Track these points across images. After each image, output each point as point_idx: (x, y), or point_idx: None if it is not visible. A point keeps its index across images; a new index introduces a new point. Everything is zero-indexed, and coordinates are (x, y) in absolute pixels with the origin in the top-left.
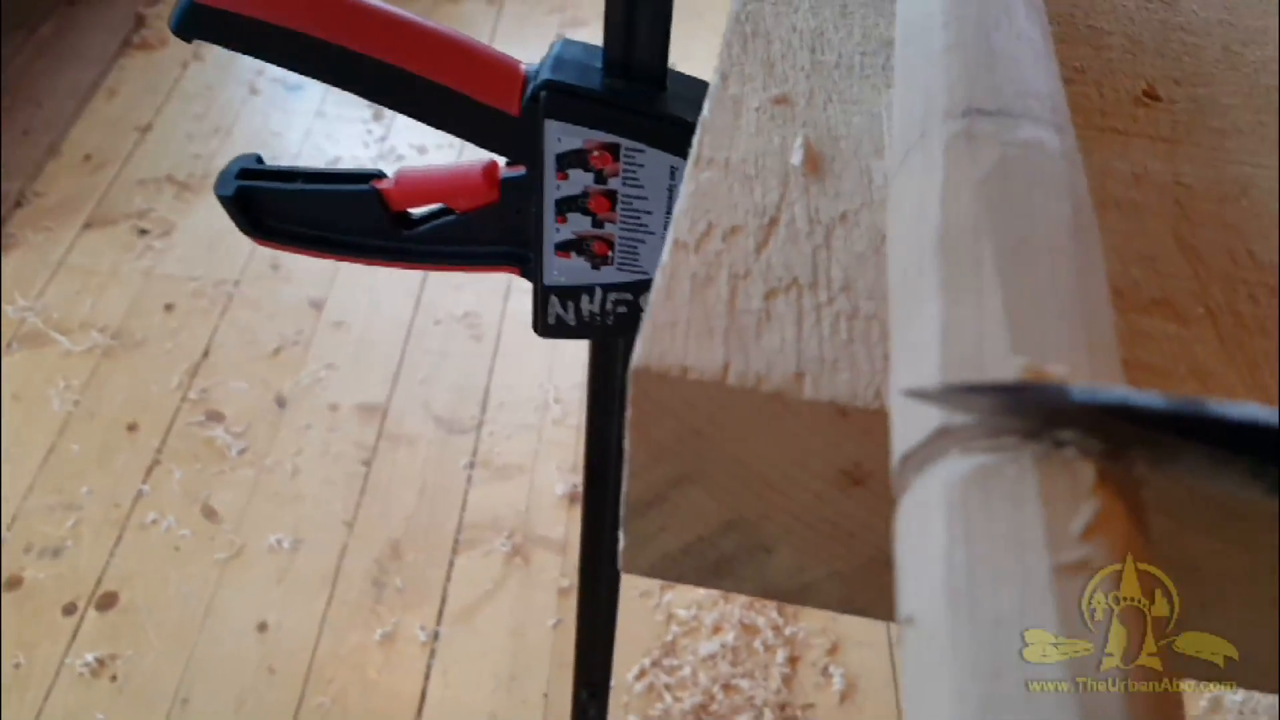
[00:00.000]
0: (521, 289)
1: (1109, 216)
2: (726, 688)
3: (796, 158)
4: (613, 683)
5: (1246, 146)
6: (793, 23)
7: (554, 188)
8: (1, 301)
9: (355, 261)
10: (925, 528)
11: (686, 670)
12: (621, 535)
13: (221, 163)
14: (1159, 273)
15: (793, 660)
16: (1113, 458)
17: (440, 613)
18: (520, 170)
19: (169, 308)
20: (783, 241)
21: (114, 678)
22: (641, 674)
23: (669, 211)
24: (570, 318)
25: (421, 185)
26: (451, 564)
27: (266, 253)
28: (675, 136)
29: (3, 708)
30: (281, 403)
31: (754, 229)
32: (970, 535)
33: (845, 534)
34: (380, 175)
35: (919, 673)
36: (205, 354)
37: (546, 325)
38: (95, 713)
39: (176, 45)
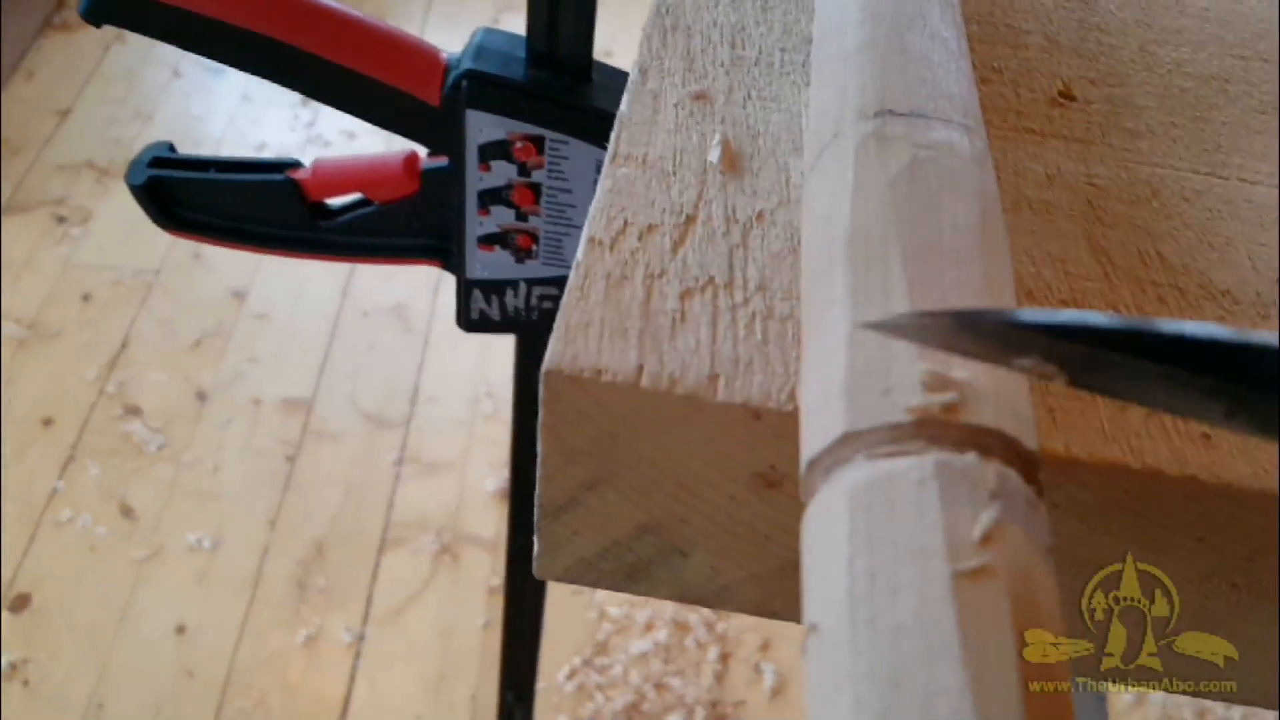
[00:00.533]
0: (453, 281)
1: (1022, 217)
2: (658, 686)
3: (714, 155)
4: (543, 683)
5: (1158, 148)
6: (714, 17)
7: (476, 179)
8: None
9: (271, 253)
10: (829, 534)
11: (618, 669)
12: (535, 540)
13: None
14: (1070, 274)
15: (725, 657)
16: (1071, 384)
17: (366, 614)
18: (442, 161)
19: (87, 298)
20: (700, 240)
21: (26, 682)
22: (572, 673)
23: None
24: (494, 312)
25: (339, 175)
26: (378, 564)
27: (188, 242)
28: (601, 129)
29: None
30: (202, 397)
31: (670, 227)
32: (872, 542)
33: (760, 536)
34: (296, 165)
35: (821, 681)
36: (124, 346)
37: (470, 320)
38: (6, 718)
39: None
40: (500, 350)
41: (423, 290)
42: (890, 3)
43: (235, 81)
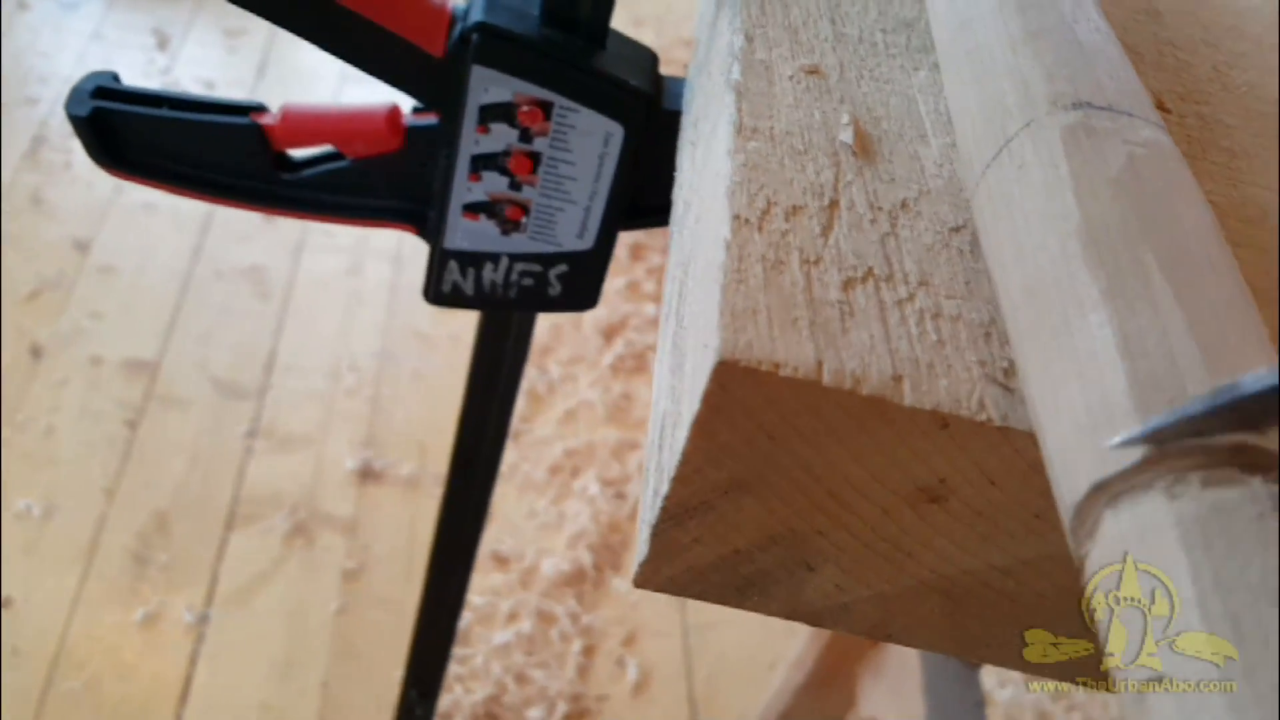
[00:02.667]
0: (318, 245)
1: None
2: (519, 678)
3: (846, 135)
4: (398, 672)
5: (1255, 169)
6: None
7: (472, 141)
8: None
9: (225, 203)
10: (1155, 561)
11: (479, 660)
12: (644, 545)
13: None
14: None
15: (589, 650)
16: None
17: (210, 593)
18: (430, 119)
19: None
20: (848, 227)
21: None
22: None
23: (596, 180)
24: (468, 286)
25: (311, 124)
26: (225, 541)
27: (27, 184)
28: (616, 100)
29: None
30: (37, 353)
31: (815, 210)
32: (1221, 585)
33: (903, 554)
34: (261, 108)
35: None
36: None
37: (439, 292)
38: None
39: None
40: (364, 321)
41: (281, 253)
42: None
43: (88, 17)
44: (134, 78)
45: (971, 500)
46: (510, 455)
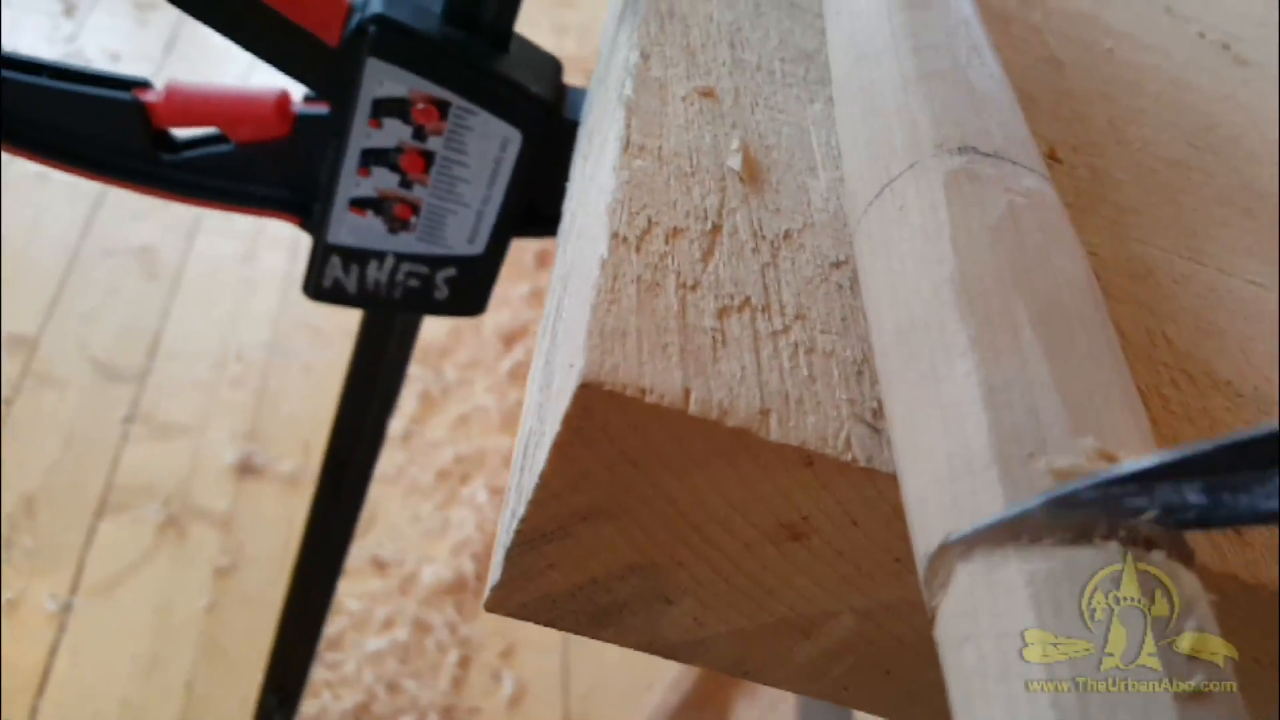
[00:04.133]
0: (213, 229)
1: None
2: (391, 687)
3: (735, 162)
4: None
5: (1143, 225)
6: (709, 11)
7: (363, 135)
8: None
9: (101, 180)
10: (1006, 632)
11: (350, 666)
12: (497, 569)
13: None
14: None
15: (464, 661)
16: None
17: (75, 582)
18: (321, 108)
19: None
20: (729, 254)
21: None
22: None
23: (491, 185)
24: (350, 284)
25: (195, 104)
26: (94, 528)
27: None
28: (515, 105)
29: None
30: None
31: (697, 234)
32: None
33: (763, 591)
34: (145, 84)
35: None
36: None
37: (320, 288)
38: None
39: None
40: (255, 310)
41: (174, 234)
42: (942, 33)
43: None
44: (36, 45)
45: (833, 540)
46: (398, 457)
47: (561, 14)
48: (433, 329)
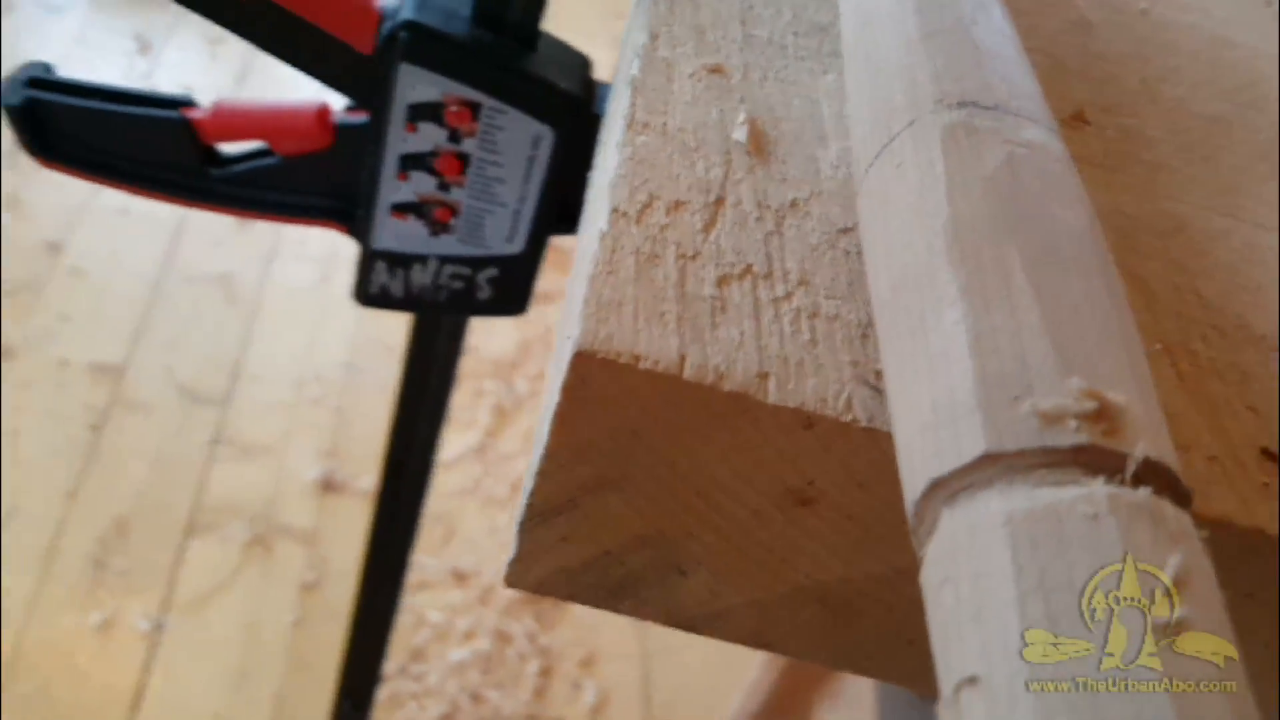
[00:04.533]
0: (290, 254)
1: None
2: (474, 697)
3: (740, 134)
4: None
5: (1176, 183)
6: None
7: (400, 140)
8: None
9: (154, 197)
10: (982, 570)
11: (434, 678)
12: (515, 543)
13: None
14: None
15: (546, 671)
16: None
17: (167, 601)
18: (361, 117)
19: None
20: (731, 224)
21: None
22: (384, 680)
23: (526, 183)
24: (397, 288)
25: (241, 119)
26: (183, 548)
27: (4, 186)
28: (546, 102)
29: None
30: (5, 353)
31: (700, 206)
32: (1045, 586)
33: (776, 560)
34: (191, 103)
35: None
36: None
37: (368, 294)
38: None
39: None
40: (332, 332)
41: (252, 261)
42: None
43: (71, 22)
44: (113, 82)
45: (841, 504)
46: (474, 470)
47: (617, 26)
48: (502, 343)
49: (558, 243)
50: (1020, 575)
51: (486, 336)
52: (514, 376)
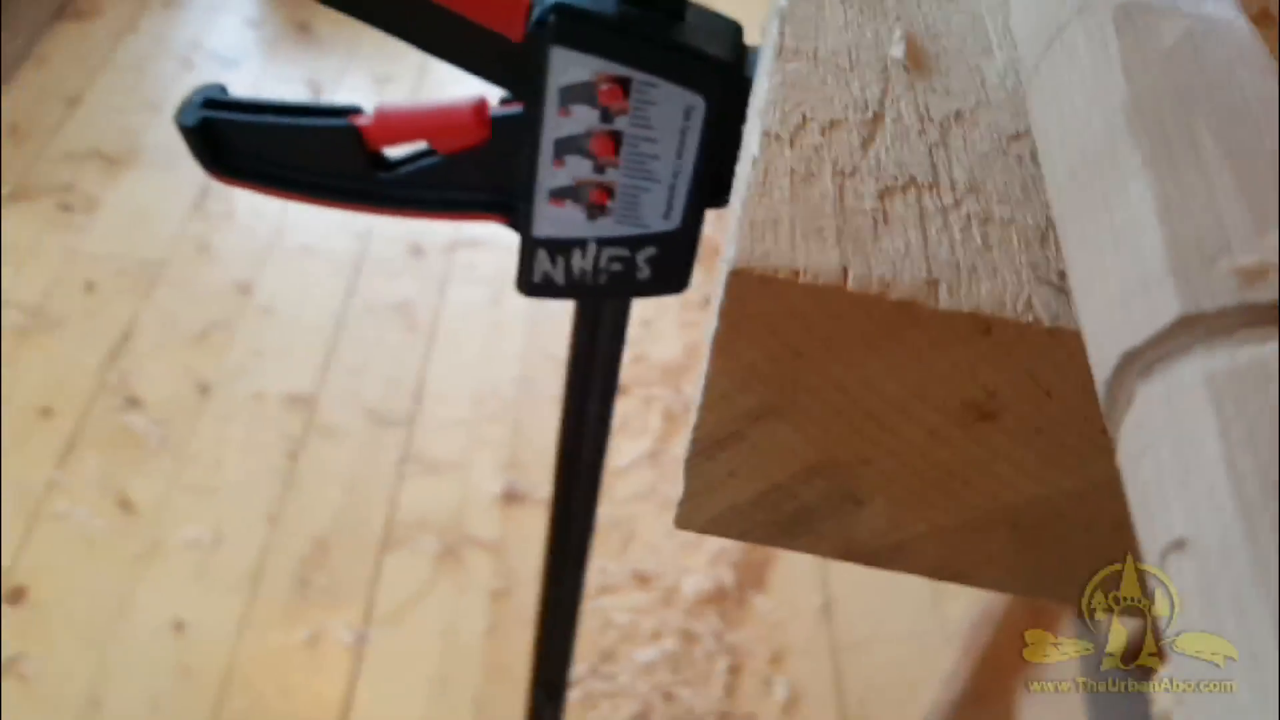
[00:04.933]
0: (462, 278)
1: None
2: (666, 696)
3: (897, 50)
4: None
5: None
6: None
7: (554, 125)
8: None
9: (326, 205)
10: (1183, 434)
11: (624, 678)
12: (683, 481)
13: (153, 138)
14: None
15: (734, 669)
16: None
17: (368, 614)
18: (515, 108)
19: (90, 287)
20: (891, 138)
21: (21, 678)
22: (577, 681)
23: (680, 157)
24: (559, 275)
25: (403, 122)
26: (380, 564)
27: (194, 232)
28: (695, 71)
29: None
30: (204, 390)
31: (856, 124)
32: (1255, 441)
33: (958, 482)
34: (357, 111)
35: (1207, 602)
36: (126, 336)
37: (531, 283)
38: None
39: (110, 16)
40: (505, 349)
41: (428, 288)
42: None
43: (247, 74)
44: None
45: (1027, 416)
46: (648, 475)
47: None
48: (669, 349)
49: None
50: (1226, 432)
51: (653, 344)
52: (682, 382)
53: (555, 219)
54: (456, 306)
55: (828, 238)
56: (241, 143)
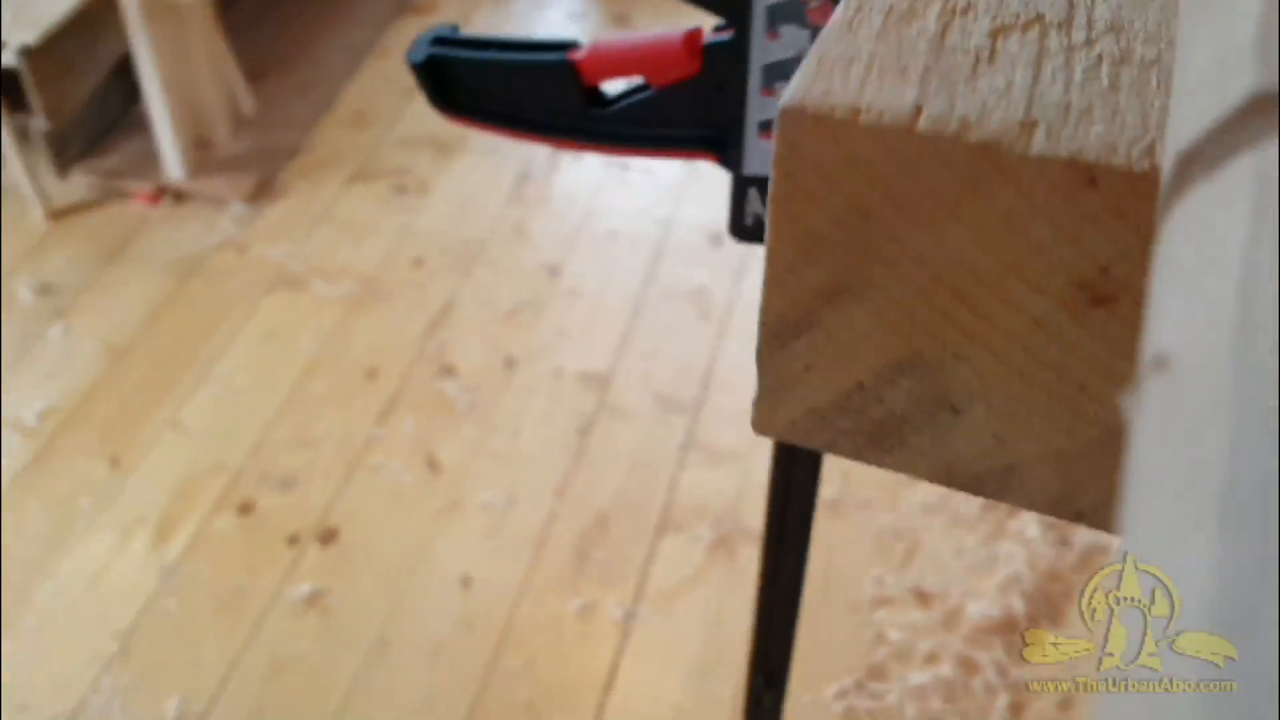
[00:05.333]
0: (757, 269)
1: None
2: None
3: None
4: (808, 696)
5: None
6: None
7: (763, 50)
8: (264, 246)
9: (543, 141)
10: (1210, 237)
11: (893, 698)
12: (757, 377)
13: None
14: None
15: (1015, 707)
16: None
17: (639, 593)
18: (725, 36)
19: (418, 262)
20: None
21: (323, 611)
22: (842, 694)
23: None
24: None
25: (617, 56)
26: (655, 546)
27: (512, 216)
28: None
29: (218, 627)
30: (511, 364)
31: None
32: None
33: (1074, 387)
34: (575, 45)
35: (1170, 424)
36: (446, 309)
37: (743, 226)
38: (301, 642)
39: (446, 11)
40: None
41: (724, 276)
42: None
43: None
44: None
45: None
46: (940, 488)
47: None
48: None
49: None
50: (1255, 220)
51: None
52: None
53: (766, 155)
54: (750, 298)
55: (910, 76)
56: (464, 79)
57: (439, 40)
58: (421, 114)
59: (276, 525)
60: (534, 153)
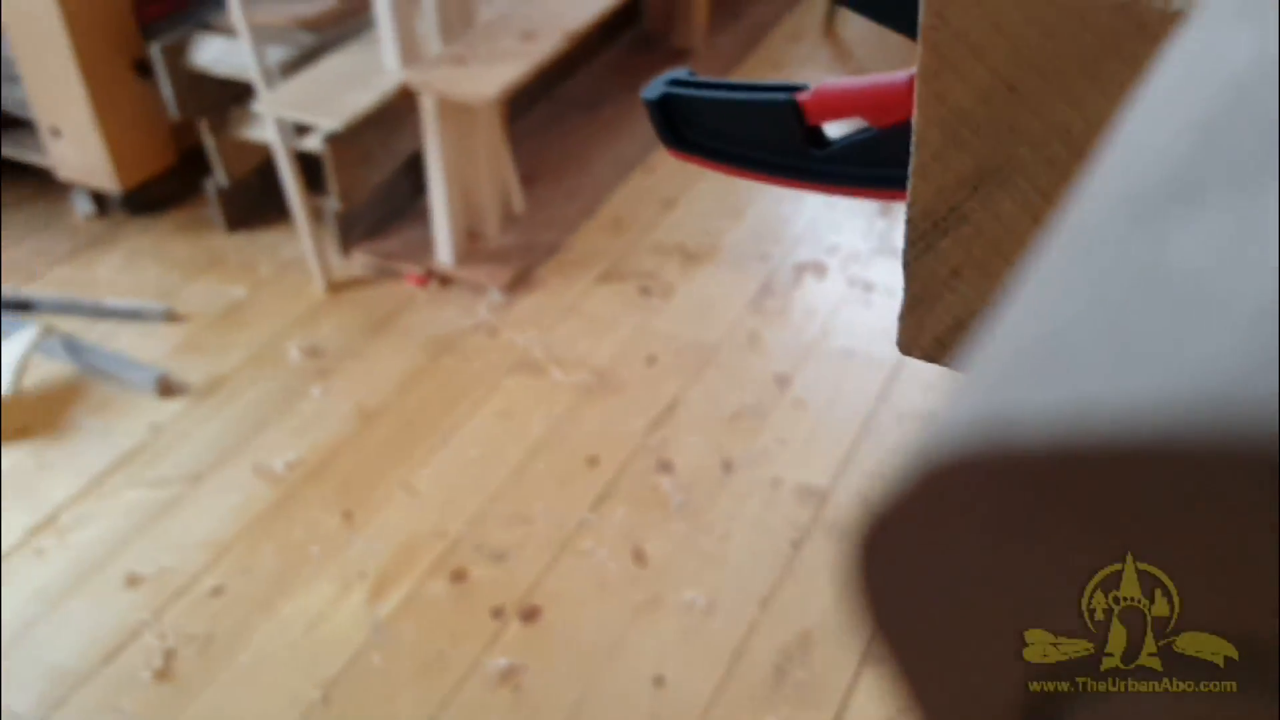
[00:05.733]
0: None
1: None
2: None
3: None
4: None
5: None
6: None
7: None
8: (513, 333)
9: (761, 179)
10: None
11: None
12: (904, 287)
13: (730, 240)
14: None
15: None
16: None
17: None
18: None
19: (651, 359)
20: None
21: (516, 688)
22: None
23: None
24: None
25: (840, 97)
26: (859, 674)
27: (749, 325)
28: None
29: (416, 688)
30: (728, 467)
31: None
32: None
33: None
34: (802, 88)
35: None
36: (671, 407)
37: None
38: (492, 716)
39: None
40: None
41: None
42: None
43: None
44: (854, 239)
45: None
46: None
47: None
48: None
49: None
50: None
51: None
52: None
53: None
54: None
55: None
56: (694, 118)
57: (675, 81)
58: (676, 224)
59: (484, 596)
60: (779, 267)
